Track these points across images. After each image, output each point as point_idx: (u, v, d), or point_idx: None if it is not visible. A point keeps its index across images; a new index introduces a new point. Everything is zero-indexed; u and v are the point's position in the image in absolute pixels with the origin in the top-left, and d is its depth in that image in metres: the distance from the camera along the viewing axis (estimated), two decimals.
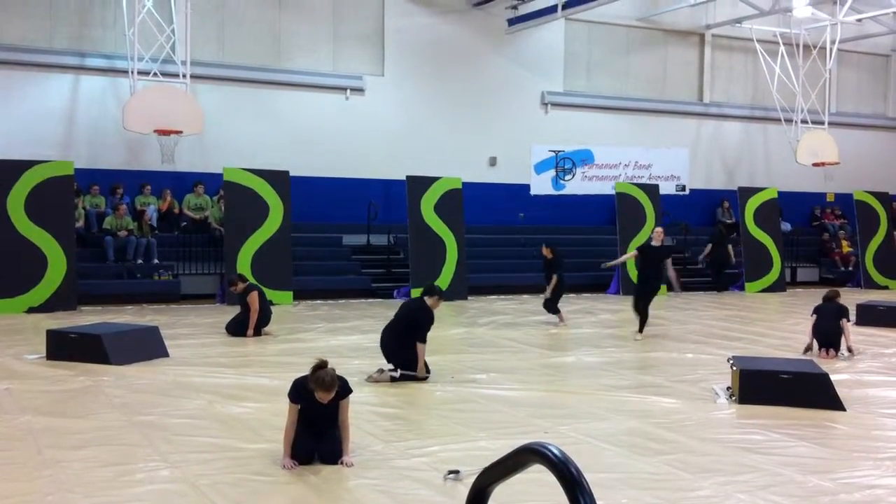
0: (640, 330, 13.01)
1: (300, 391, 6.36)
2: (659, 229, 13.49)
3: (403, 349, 9.31)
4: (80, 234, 16.78)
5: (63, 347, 10.33)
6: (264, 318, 12.81)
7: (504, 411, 8.16)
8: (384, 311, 15.97)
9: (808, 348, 11.53)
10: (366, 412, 8.04)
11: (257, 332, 12.63)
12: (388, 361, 9.48)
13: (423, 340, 9.27)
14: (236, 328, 12.68)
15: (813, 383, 8.52)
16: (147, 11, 16.96)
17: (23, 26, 17.74)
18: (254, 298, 12.63)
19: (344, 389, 6.41)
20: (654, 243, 13.24)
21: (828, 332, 11.37)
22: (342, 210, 19.96)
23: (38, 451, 6.54)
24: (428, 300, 9.56)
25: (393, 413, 8.07)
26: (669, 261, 13.32)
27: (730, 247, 21.78)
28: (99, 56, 18.18)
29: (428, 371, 9.44)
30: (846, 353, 11.39)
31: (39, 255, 15.32)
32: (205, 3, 18.75)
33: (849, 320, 11.51)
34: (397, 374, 9.22)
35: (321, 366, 6.30)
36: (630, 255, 13.83)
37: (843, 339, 11.46)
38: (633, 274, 20.03)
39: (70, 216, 16.04)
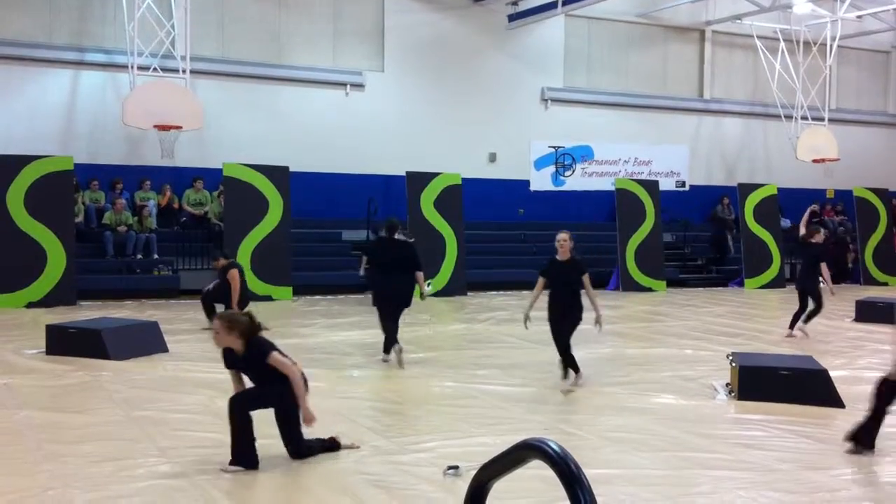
0: (565, 374, 9.34)
1: (227, 354, 6.31)
2: (563, 235, 9.34)
3: (411, 285, 10.38)
4: (80, 230, 16.78)
5: (62, 342, 10.33)
6: (243, 299, 12.60)
7: (503, 407, 8.16)
8: None
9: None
10: (365, 408, 8.05)
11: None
12: (400, 303, 10.34)
13: (422, 267, 10.48)
14: (211, 300, 12.60)
15: (812, 380, 8.53)
16: (147, 6, 16.95)
17: (22, 21, 17.73)
18: (234, 276, 12.48)
19: (259, 343, 6.16)
20: (558, 257, 9.27)
21: (804, 284, 11.97)
22: (342, 206, 19.96)
23: (37, 446, 6.55)
24: (401, 235, 10.82)
25: (392, 408, 8.08)
26: (587, 279, 9.11)
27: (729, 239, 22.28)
28: (99, 51, 18.17)
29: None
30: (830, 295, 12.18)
31: (39, 251, 15.32)
32: None
33: (824, 261, 11.79)
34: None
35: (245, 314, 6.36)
36: (538, 289, 9.29)
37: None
38: (634, 271, 20.14)
39: (69, 211, 16.04)
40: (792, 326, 12.97)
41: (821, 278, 12.51)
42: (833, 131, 23.95)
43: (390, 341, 10.16)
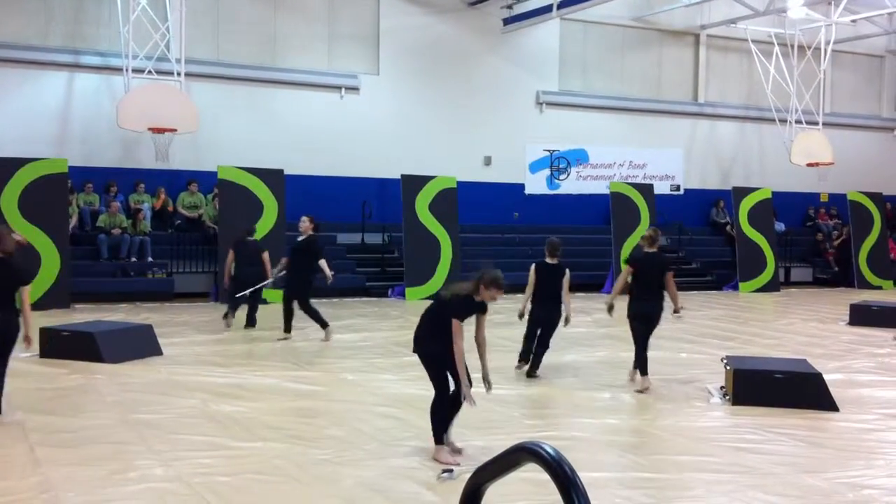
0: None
1: None
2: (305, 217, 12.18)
3: None
4: (74, 232, 16.75)
5: (56, 345, 10.30)
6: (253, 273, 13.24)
7: (498, 410, 8.16)
8: (378, 310, 16.00)
9: (612, 307, 9.56)
10: (359, 411, 8.04)
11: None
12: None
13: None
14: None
15: (806, 383, 8.54)
16: (142, 9, 16.92)
17: (17, 23, 17.69)
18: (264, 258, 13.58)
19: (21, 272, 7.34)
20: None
21: (647, 295, 9.32)
22: (337, 209, 19.94)
23: (30, 450, 6.53)
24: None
25: (386, 412, 8.07)
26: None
27: None
28: (93, 54, 18.14)
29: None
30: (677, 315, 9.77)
31: (33, 253, 15.27)
32: (200, 1, 18.70)
33: (671, 271, 9.45)
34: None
35: None
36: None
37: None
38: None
39: (64, 214, 16.01)
40: None
41: None
42: (827, 135, 23.99)
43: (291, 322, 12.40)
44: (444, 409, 6.52)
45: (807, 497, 5.85)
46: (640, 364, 9.33)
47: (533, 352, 9.91)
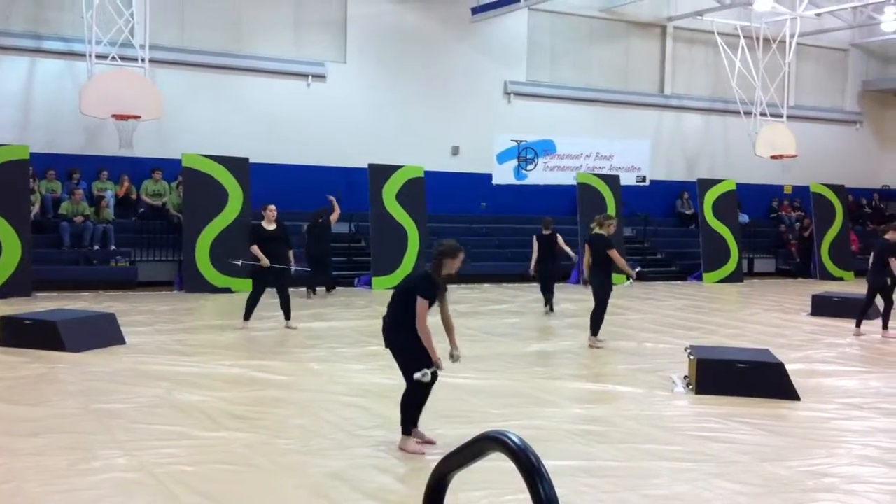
0: None
1: None
2: (271, 207, 12.56)
3: None
4: (36, 220, 16.53)
5: (17, 334, 10.17)
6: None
7: (464, 400, 8.17)
8: (345, 300, 15.96)
9: (586, 282, 12.33)
10: (325, 400, 8.02)
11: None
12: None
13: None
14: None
15: (769, 373, 8.64)
16: None
17: None
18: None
19: None
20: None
21: (595, 268, 11.18)
22: (303, 198, 19.80)
23: None
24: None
25: (352, 402, 8.05)
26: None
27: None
28: (56, 39, 17.88)
29: None
30: (629, 283, 11.75)
31: None
32: None
33: (612, 248, 11.02)
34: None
35: None
36: None
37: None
38: None
39: (25, 201, 15.79)
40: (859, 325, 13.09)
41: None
42: (791, 128, 24.25)
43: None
44: (416, 402, 6.51)
45: (768, 485, 5.92)
46: (594, 324, 11.30)
47: (549, 295, 14.73)
